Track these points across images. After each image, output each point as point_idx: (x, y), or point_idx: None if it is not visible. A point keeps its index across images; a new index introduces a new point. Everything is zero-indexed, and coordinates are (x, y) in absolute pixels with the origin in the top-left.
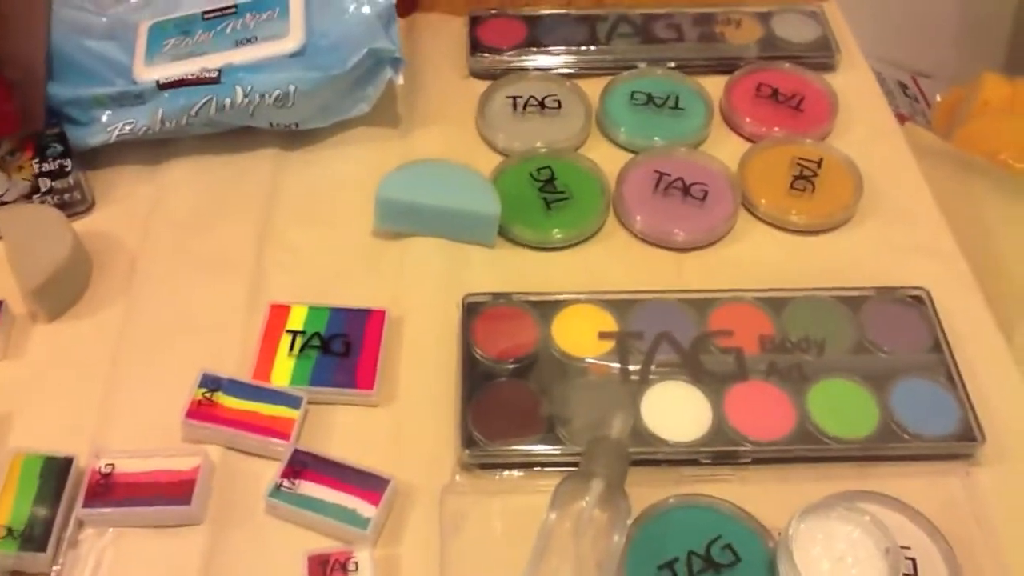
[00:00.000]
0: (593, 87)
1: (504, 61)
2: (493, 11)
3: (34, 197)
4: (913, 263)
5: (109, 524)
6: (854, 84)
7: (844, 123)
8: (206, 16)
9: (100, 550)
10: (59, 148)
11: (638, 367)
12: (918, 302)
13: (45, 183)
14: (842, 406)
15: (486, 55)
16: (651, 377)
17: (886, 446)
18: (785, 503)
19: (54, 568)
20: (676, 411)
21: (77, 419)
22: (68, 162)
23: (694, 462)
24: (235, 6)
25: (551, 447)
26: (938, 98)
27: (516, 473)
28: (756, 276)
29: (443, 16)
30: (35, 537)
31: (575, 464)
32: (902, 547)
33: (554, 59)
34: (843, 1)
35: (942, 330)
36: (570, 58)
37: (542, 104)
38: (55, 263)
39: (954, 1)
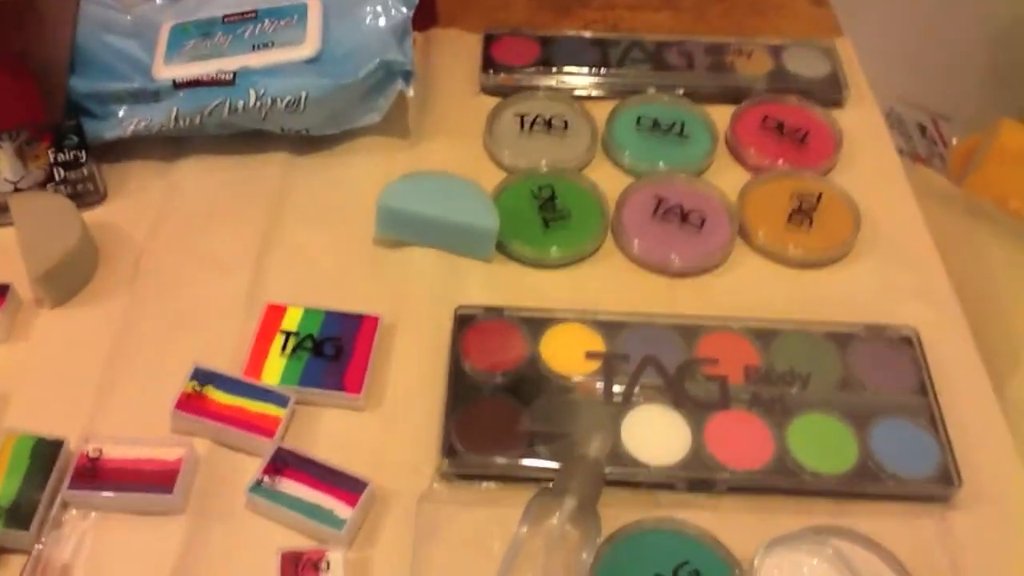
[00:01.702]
0: (602, 110)
1: (515, 79)
2: (508, 30)
3: (48, 186)
4: (906, 304)
5: (93, 507)
6: (861, 122)
7: (847, 160)
8: (226, 20)
9: (82, 532)
10: (75, 140)
11: (622, 388)
12: (907, 343)
13: (59, 173)
14: (822, 441)
15: (498, 73)
16: (634, 399)
17: (863, 483)
18: (757, 533)
19: (36, 546)
20: (656, 435)
21: (72, 404)
22: (83, 154)
23: (670, 487)
24: (255, 11)
25: (530, 461)
26: (955, 142)
27: (493, 485)
28: (748, 306)
29: (460, 32)
30: (20, 515)
31: (553, 480)
32: None
33: (564, 80)
34: (867, 40)
35: (928, 372)
36: (581, 80)
37: (549, 124)
38: (63, 250)
39: (978, 45)
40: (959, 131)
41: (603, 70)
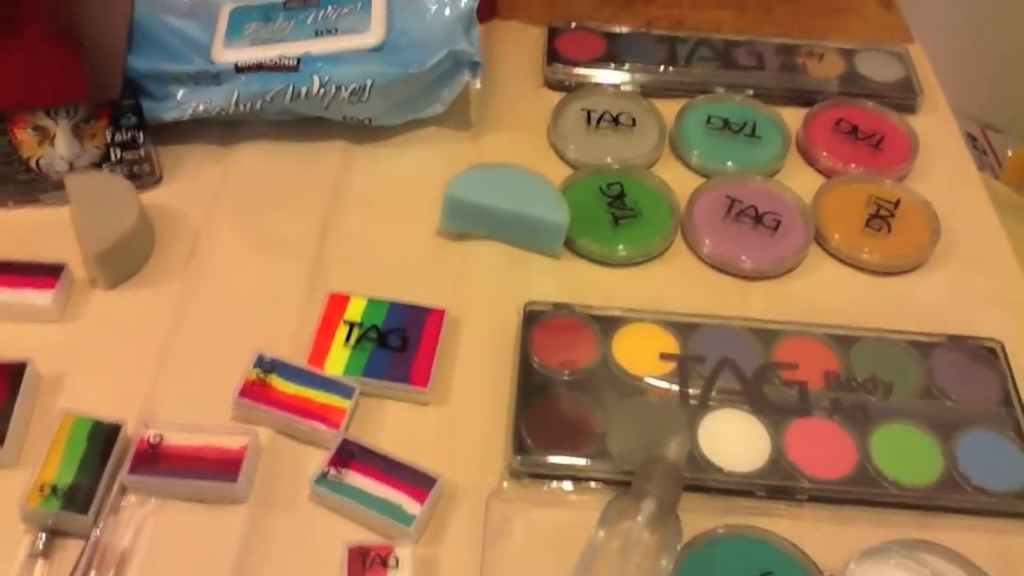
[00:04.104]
0: (668, 108)
1: (580, 74)
2: (573, 24)
3: (104, 165)
4: (986, 313)
5: (152, 493)
6: (935, 128)
7: (923, 166)
8: (287, 5)
9: (141, 518)
10: (133, 120)
11: (698, 391)
12: (991, 353)
13: (116, 153)
14: (905, 451)
15: (563, 66)
16: (710, 403)
17: (948, 496)
18: (838, 545)
19: (94, 531)
20: (734, 440)
21: (128, 388)
22: (140, 134)
23: (748, 493)
24: None
25: (603, 463)
26: (1009, 153)
27: (565, 485)
28: (822, 311)
29: (521, 24)
30: (78, 498)
31: (625, 482)
32: None
33: (631, 76)
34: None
35: (1014, 383)
36: (647, 77)
37: (616, 120)
38: (120, 231)
39: None
40: (1010, 143)
41: (671, 68)
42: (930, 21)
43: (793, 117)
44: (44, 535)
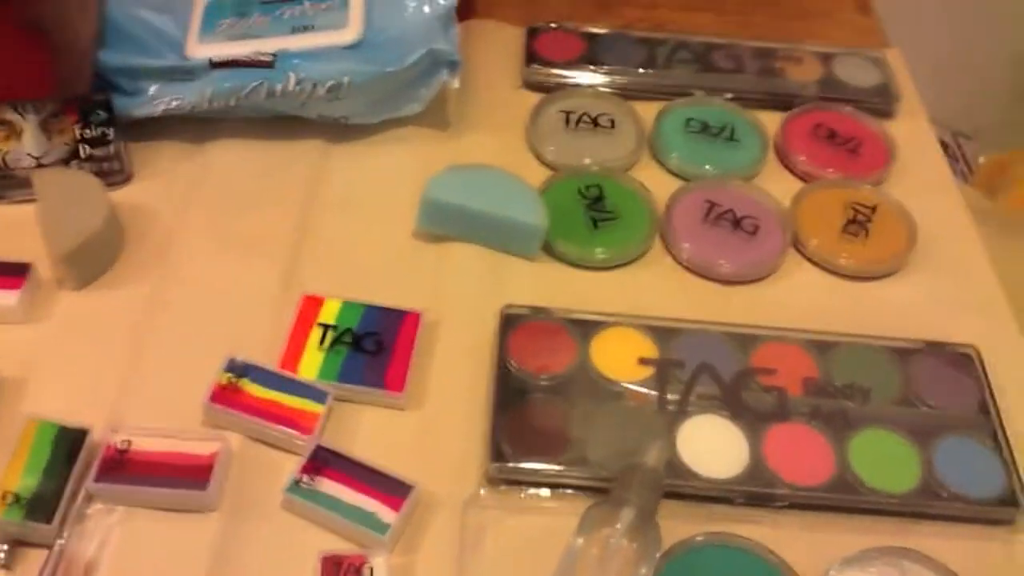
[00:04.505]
0: (646, 110)
1: (559, 75)
2: (552, 24)
3: (72, 162)
4: (963, 319)
5: (119, 501)
6: (911, 134)
7: (899, 172)
8: (264, 0)
9: (107, 527)
10: (103, 116)
11: (677, 397)
12: (967, 360)
13: (85, 149)
14: (884, 458)
15: (541, 67)
16: (689, 408)
17: (926, 503)
18: (818, 553)
19: (58, 541)
20: (713, 446)
21: (95, 391)
22: (111, 131)
23: (727, 500)
24: None
25: (581, 469)
26: (981, 160)
27: (542, 492)
28: (800, 316)
29: (499, 24)
30: (42, 507)
31: (604, 489)
32: None
33: (610, 78)
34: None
35: (990, 390)
36: (626, 79)
37: (595, 121)
38: (88, 230)
39: (1002, 65)
40: (979, 150)
41: (650, 70)
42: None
43: (771, 121)
44: (6, 545)
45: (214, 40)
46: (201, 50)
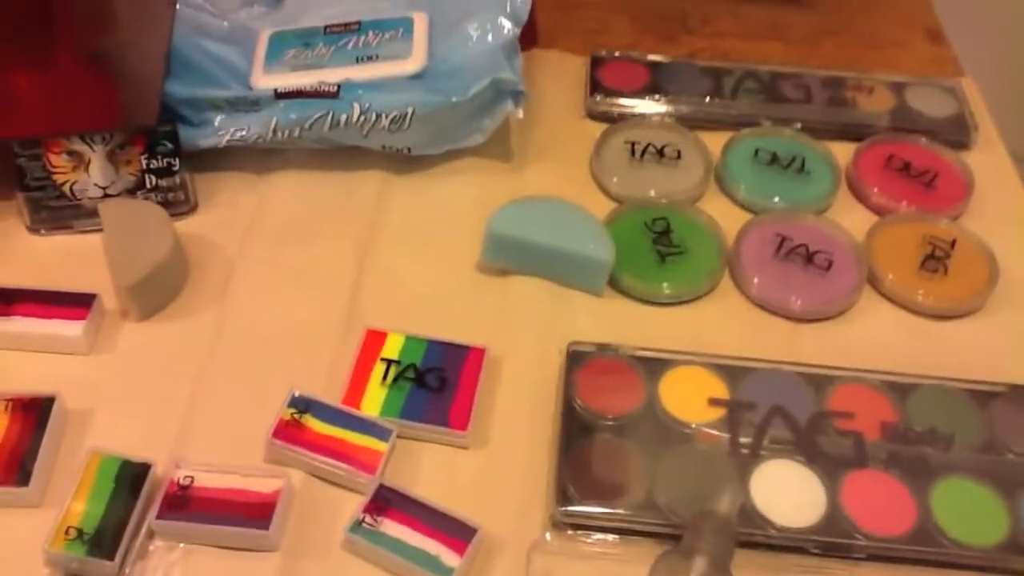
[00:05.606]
0: (713, 141)
1: (623, 105)
2: (616, 53)
3: (138, 193)
4: None
5: (181, 539)
6: (989, 166)
7: (978, 205)
8: (328, 30)
9: (169, 564)
10: (169, 146)
11: (749, 440)
12: None
13: (151, 180)
14: (969, 508)
15: (606, 97)
16: (762, 452)
17: (1015, 558)
18: None
19: None
20: (788, 493)
21: (158, 424)
22: (176, 161)
23: (802, 550)
24: (359, 23)
25: (649, 514)
26: None
27: (609, 537)
28: (876, 356)
29: (562, 54)
30: (104, 543)
31: (674, 536)
32: None
33: (675, 108)
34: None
35: None
36: (691, 108)
37: (661, 152)
38: (154, 262)
39: None
40: None
41: (716, 99)
42: (979, 55)
43: (842, 152)
44: None
45: (279, 71)
46: (266, 80)
